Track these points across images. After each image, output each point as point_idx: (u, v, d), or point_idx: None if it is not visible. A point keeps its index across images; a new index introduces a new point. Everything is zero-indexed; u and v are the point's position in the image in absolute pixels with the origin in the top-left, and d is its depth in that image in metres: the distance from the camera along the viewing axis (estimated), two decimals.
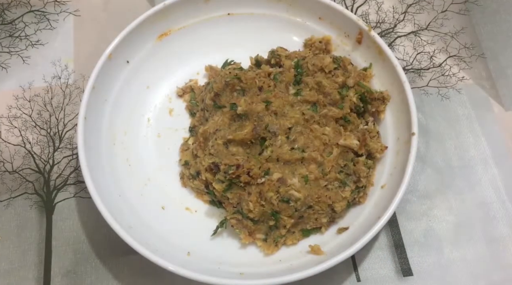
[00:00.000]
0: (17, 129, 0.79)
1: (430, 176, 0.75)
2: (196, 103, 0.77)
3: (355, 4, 0.89)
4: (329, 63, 0.71)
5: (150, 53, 0.78)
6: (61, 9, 0.88)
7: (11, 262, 0.70)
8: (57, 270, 0.70)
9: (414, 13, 0.87)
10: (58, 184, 0.75)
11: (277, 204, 0.64)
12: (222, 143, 0.67)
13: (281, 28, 0.80)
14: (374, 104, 0.72)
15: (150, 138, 0.76)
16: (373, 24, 0.87)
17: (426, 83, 0.82)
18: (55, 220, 0.73)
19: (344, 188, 0.66)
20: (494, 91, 0.81)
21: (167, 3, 0.76)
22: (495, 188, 0.75)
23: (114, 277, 0.69)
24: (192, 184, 0.71)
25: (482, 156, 0.77)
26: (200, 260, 0.65)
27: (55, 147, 0.78)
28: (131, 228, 0.64)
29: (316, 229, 0.68)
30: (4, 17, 0.87)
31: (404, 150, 0.68)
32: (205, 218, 0.71)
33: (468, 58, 0.84)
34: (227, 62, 0.79)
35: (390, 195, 0.65)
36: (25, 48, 0.85)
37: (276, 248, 0.67)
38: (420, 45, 0.85)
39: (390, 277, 0.70)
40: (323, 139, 0.67)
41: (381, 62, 0.73)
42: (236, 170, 0.65)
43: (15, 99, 0.81)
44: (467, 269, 0.70)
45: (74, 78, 0.82)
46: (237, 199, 0.66)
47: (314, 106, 0.69)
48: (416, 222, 0.73)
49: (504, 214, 0.73)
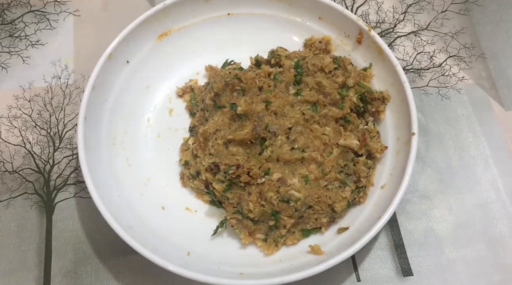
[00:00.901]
0: (17, 129, 0.79)
1: (430, 176, 0.75)
2: (196, 103, 0.77)
3: (355, 4, 0.89)
4: (329, 63, 0.71)
5: (150, 53, 0.78)
6: (61, 9, 0.88)
7: (11, 262, 0.70)
8: (57, 270, 0.70)
9: (414, 13, 0.87)
10: (58, 184, 0.75)
11: (277, 204, 0.64)
12: (222, 143, 0.67)
13: (281, 28, 0.80)
14: (374, 104, 0.72)
15: (150, 138, 0.76)
16: (373, 24, 0.87)
17: (426, 83, 0.82)
18: (55, 220, 0.73)
19: (344, 188, 0.66)
20: (494, 91, 0.81)
21: (167, 3, 0.76)
22: (495, 188, 0.75)
23: (114, 277, 0.69)
24: (192, 184, 0.71)
25: (482, 156, 0.77)
26: (200, 260, 0.65)
27: (55, 147, 0.78)
28: (131, 228, 0.64)
29: (316, 229, 0.68)
30: (4, 17, 0.87)
31: (404, 150, 0.68)
32: (205, 218, 0.71)
33: (468, 58, 0.84)
34: (227, 62, 0.79)
35: (390, 195, 0.65)
36: (25, 48, 0.85)
37: (276, 248, 0.67)
38: (420, 45, 0.85)
39: (390, 277, 0.70)
40: (323, 139, 0.67)
41: (381, 62, 0.73)
42: (236, 170, 0.65)
43: (15, 99, 0.81)
44: (467, 269, 0.70)
45: (74, 78, 0.82)
46: (237, 199, 0.66)
47: (314, 106, 0.69)
48: (416, 222, 0.73)
49: (504, 214, 0.73)
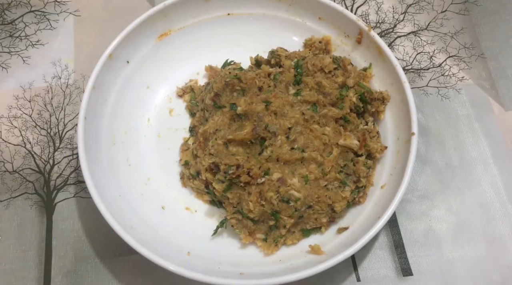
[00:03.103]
0: (18, 129, 0.79)
1: (430, 176, 0.75)
2: (196, 103, 0.77)
3: (355, 4, 0.89)
4: (329, 63, 0.71)
5: (150, 53, 0.78)
6: (61, 9, 0.89)
7: (11, 262, 0.70)
8: (57, 270, 0.70)
9: (414, 13, 0.87)
10: (58, 184, 0.75)
11: (277, 204, 0.64)
12: (222, 143, 0.67)
13: (281, 28, 0.80)
14: (374, 104, 0.72)
15: (150, 138, 0.76)
16: (373, 24, 0.87)
17: (426, 83, 0.82)
18: (55, 220, 0.73)
19: (344, 188, 0.66)
20: (494, 91, 0.81)
21: (167, 3, 0.76)
22: (495, 188, 0.75)
23: (114, 277, 0.69)
24: (192, 184, 0.72)
25: (482, 156, 0.77)
26: (200, 260, 0.65)
27: (55, 147, 0.78)
28: (131, 228, 0.64)
29: (316, 229, 0.68)
30: (4, 17, 0.88)
31: (404, 150, 0.68)
32: (205, 218, 0.71)
33: (468, 58, 0.84)
34: (227, 62, 0.79)
35: (390, 195, 0.65)
36: (25, 48, 0.85)
37: (276, 248, 0.67)
38: (420, 45, 0.85)
39: (390, 277, 0.70)
40: (323, 139, 0.67)
41: (381, 62, 0.73)
42: (236, 170, 0.65)
43: (15, 99, 0.81)
44: (467, 269, 0.70)
45: (74, 78, 0.82)
46: (237, 199, 0.66)
47: (314, 106, 0.69)
48: (416, 222, 0.73)
49: (504, 214, 0.73)
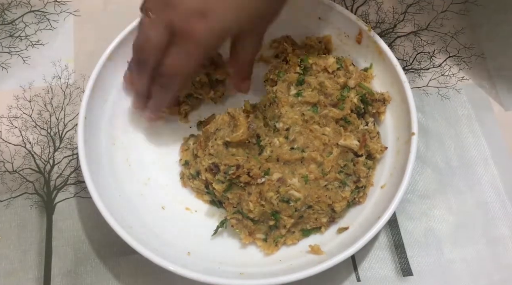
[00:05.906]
0: (18, 129, 0.79)
1: (430, 176, 0.75)
2: None
3: (355, 4, 0.89)
4: (332, 63, 0.71)
5: None
6: (61, 9, 0.88)
7: (11, 262, 0.70)
8: (57, 270, 0.70)
9: (414, 13, 0.87)
10: (58, 184, 0.75)
11: (277, 204, 0.64)
12: (221, 144, 0.67)
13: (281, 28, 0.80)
14: (375, 105, 0.72)
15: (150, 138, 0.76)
16: (373, 24, 0.87)
17: (426, 83, 0.82)
18: (56, 220, 0.73)
19: (344, 188, 0.66)
20: (494, 91, 0.81)
21: None
22: (495, 188, 0.75)
23: (114, 277, 0.69)
24: (192, 184, 0.71)
25: (482, 156, 0.77)
26: (200, 260, 0.65)
27: (56, 147, 0.78)
28: (131, 228, 0.64)
29: (316, 229, 0.68)
30: (4, 17, 0.87)
31: (404, 150, 0.68)
32: (205, 218, 0.71)
33: (467, 58, 0.84)
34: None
35: (390, 195, 0.65)
36: (25, 48, 0.85)
37: (276, 248, 0.67)
38: (420, 45, 0.85)
39: (390, 277, 0.70)
40: (323, 139, 0.67)
41: (381, 62, 0.73)
42: (236, 170, 0.65)
43: (15, 99, 0.81)
44: (467, 269, 0.70)
45: (74, 78, 0.82)
46: (237, 199, 0.66)
47: (315, 107, 0.69)
48: (416, 222, 0.73)
49: (504, 214, 0.73)
